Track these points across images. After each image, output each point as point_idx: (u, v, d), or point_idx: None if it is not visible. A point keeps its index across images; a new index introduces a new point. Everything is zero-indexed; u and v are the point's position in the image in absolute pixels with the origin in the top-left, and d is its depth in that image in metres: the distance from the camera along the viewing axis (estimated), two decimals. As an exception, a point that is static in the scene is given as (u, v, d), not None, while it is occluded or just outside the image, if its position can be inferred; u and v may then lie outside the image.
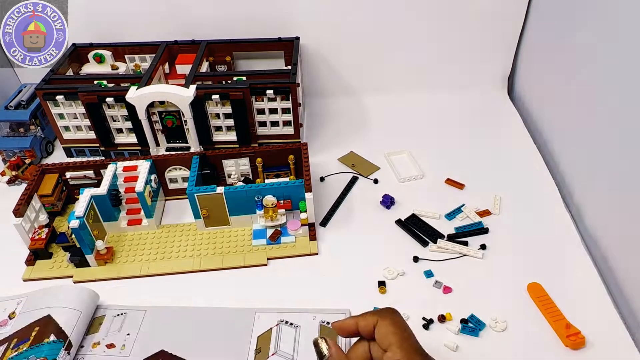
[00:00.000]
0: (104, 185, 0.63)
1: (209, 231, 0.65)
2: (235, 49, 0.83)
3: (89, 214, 0.61)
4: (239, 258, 0.62)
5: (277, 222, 0.64)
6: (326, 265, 0.61)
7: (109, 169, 0.65)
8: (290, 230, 0.63)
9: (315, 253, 0.62)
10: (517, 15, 0.83)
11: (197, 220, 0.65)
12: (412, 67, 0.90)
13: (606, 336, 0.52)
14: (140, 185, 0.63)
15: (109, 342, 0.54)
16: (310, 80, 0.90)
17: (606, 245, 0.61)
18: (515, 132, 0.82)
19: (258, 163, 0.68)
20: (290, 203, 0.64)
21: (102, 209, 0.64)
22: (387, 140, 0.81)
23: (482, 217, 0.66)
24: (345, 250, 0.63)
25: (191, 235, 0.65)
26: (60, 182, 0.68)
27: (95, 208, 0.63)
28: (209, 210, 0.63)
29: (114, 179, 0.65)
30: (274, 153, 0.68)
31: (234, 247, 0.63)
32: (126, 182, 0.66)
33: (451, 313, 0.55)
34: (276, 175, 0.70)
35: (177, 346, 0.53)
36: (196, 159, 0.66)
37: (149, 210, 0.65)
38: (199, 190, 0.62)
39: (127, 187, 0.65)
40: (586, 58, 0.67)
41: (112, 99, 0.69)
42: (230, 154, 0.68)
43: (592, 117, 0.65)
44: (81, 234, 0.59)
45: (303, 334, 0.53)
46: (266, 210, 0.63)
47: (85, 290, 0.56)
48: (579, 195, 0.68)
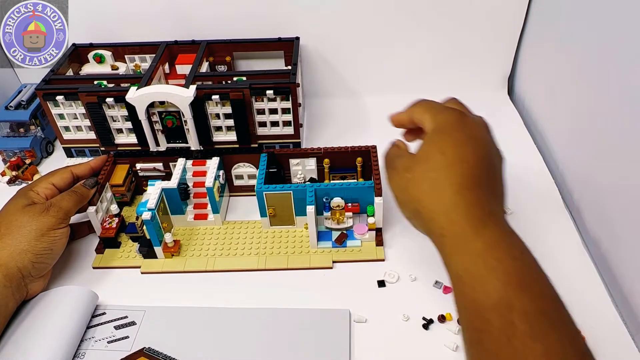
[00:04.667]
0: (174, 179, 0.64)
1: (274, 230, 0.66)
2: (235, 49, 0.83)
3: (160, 206, 0.62)
4: (304, 259, 0.62)
5: (343, 225, 0.63)
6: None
7: (179, 162, 0.67)
8: (357, 234, 0.63)
9: (382, 259, 0.61)
10: (517, 15, 0.83)
11: (263, 219, 0.65)
12: (412, 67, 0.90)
13: (606, 336, 0.52)
14: (210, 180, 0.64)
15: (109, 339, 0.54)
16: (310, 80, 0.90)
17: (606, 245, 0.61)
18: (515, 132, 0.82)
19: (325, 164, 0.67)
20: (358, 206, 0.63)
21: (170, 202, 0.65)
22: (387, 140, 0.81)
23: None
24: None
25: (256, 233, 0.65)
26: (130, 173, 0.69)
27: (165, 201, 0.64)
28: (276, 209, 0.64)
29: (184, 172, 0.66)
30: (341, 154, 0.67)
31: (299, 247, 0.63)
32: (195, 176, 0.67)
33: (451, 313, 0.55)
34: (342, 177, 0.69)
35: (176, 346, 0.53)
36: (264, 156, 0.67)
37: (216, 206, 0.66)
38: (268, 188, 0.62)
39: (196, 181, 0.67)
40: (586, 58, 0.67)
41: (112, 99, 0.69)
42: (297, 153, 0.68)
43: (593, 117, 0.65)
44: (152, 225, 0.59)
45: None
46: (333, 213, 0.62)
47: (86, 290, 0.56)
48: (579, 195, 0.68)
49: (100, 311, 0.57)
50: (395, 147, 0.51)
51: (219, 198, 0.67)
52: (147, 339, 0.54)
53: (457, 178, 0.42)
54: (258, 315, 0.56)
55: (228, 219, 0.69)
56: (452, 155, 0.43)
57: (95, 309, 0.57)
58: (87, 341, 0.54)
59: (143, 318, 0.56)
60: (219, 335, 0.54)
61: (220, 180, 0.68)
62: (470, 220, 0.40)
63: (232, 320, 0.55)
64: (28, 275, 0.54)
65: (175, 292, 0.60)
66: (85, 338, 0.54)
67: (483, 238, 0.40)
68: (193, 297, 0.59)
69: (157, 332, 0.55)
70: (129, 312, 0.57)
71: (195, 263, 0.62)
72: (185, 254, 0.63)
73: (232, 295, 0.59)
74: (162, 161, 0.70)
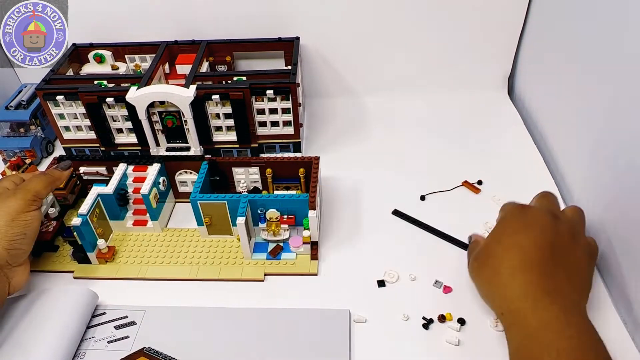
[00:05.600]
0: (112, 185, 0.63)
1: (211, 239, 0.65)
2: (235, 49, 0.83)
3: (94, 212, 0.61)
4: (236, 271, 0.61)
5: (279, 237, 0.62)
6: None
7: (119, 167, 0.66)
8: (292, 246, 0.62)
9: (314, 273, 0.60)
10: (517, 15, 0.83)
11: (200, 228, 0.64)
12: (412, 67, 0.90)
13: (606, 336, 0.51)
14: (146, 187, 0.63)
15: (109, 339, 0.54)
16: (310, 80, 0.90)
17: (606, 245, 0.61)
18: (515, 132, 0.82)
19: (268, 174, 0.67)
20: (294, 219, 0.62)
21: (109, 207, 0.64)
22: (387, 140, 0.82)
23: (482, 217, 0.66)
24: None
25: (193, 242, 0.65)
26: (74, 176, 0.68)
27: (102, 206, 0.63)
28: (212, 218, 0.63)
29: (124, 178, 0.65)
30: (284, 164, 0.66)
31: (234, 258, 0.62)
32: (135, 182, 0.66)
33: (451, 313, 0.55)
34: (286, 188, 0.68)
35: (176, 346, 0.53)
36: (205, 164, 0.66)
37: (154, 213, 0.65)
38: (203, 197, 0.61)
39: (135, 187, 0.66)
40: (586, 58, 0.67)
41: (112, 99, 0.69)
42: (240, 162, 0.67)
43: (592, 117, 0.65)
44: (83, 232, 0.59)
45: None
46: (269, 224, 0.62)
47: (85, 290, 0.56)
48: (579, 195, 0.68)
49: (100, 311, 0.57)
50: (474, 242, 0.57)
51: (157, 205, 0.65)
52: (147, 339, 0.54)
53: (511, 262, 0.48)
54: (258, 315, 0.56)
55: (170, 225, 0.68)
56: (507, 242, 0.50)
57: (95, 309, 0.57)
58: (87, 341, 0.54)
59: (143, 318, 0.56)
60: (219, 335, 0.54)
61: (161, 187, 0.66)
62: (524, 300, 0.45)
63: (232, 320, 0.55)
64: (5, 264, 0.52)
65: (175, 292, 0.60)
66: (85, 338, 0.54)
67: (540, 316, 0.43)
68: (193, 297, 0.59)
69: (157, 332, 0.55)
70: (129, 312, 0.56)
71: (129, 270, 0.61)
72: (119, 260, 0.63)
73: (232, 295, 0.59)
74: (105, 165, 0.68)
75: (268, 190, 0.68)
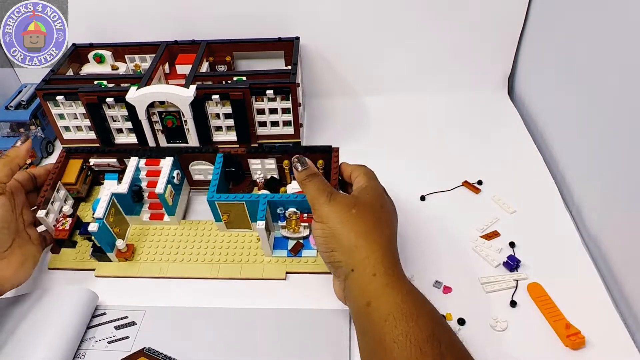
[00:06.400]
0: (125, 184, 0.63)
1: (230, 233, 0.65)
2: (235, 49, 0.83)
3: (110, 212, 0.61)
4: (257, 269, 0.60)
5: (299, 234, 0.62)
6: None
7: (130, 163, 0.65)
8: (313, 244, 0.62)
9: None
10: (517, 16, 0.83)
11: (218, 223, 0.64)
12: (412, 67, 0.89)
13: (606, 336, 0.52)
14: (161, 186, 0.62)
15: (110, 340, 0.54)
16: (310, 80, 0.90)
17: (606, 245, 0.61)
18: (515, 132, 0.82)
19: (285, 165, 0.66)
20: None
21: (123, 204, 0.64)
22: (387, 140, 0.82)
23: (482, 217, 0.66)
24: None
25: (212, 237, 0.64)
26: (84, 167, 0.68)
27: (117, 204, 0.63)
28: (230, 215, 0.63)
29: (137, 172, 0.65)
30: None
31: (254, 255, 0.62)
32: (148, 176, 0.65)
33: (451, 313, 0.55)
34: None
35: (176, 346, 0.53)
36: (220, 157, 0.65)
37: (170, 209, 0.65)
38: (220, 198, 0.61)
39: (150, 181, 0.65)
40: (586, 58, 0.67)
41: (112, 99, 0.69)
42: (256, 154, 0.67)
43: (593, 116, 0.65)
44: (101, 234, 0.58)
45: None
46: (289, 222, 0.61)
47: (86, 290, 0.56)
48: (579, 195, 0.68)
49: (100, 311, 0.57)
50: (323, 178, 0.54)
51: (172, 202, 0.64)
52: (147, 339, 0.54)
53: (391, 228, 0.51)
54: (258, 315, 0.56)
55: (188, 216, 0.68)
56: (387, 210, 0.53)
57: (96, 309, 0.57)
58: (88, 341, 0.54)
59: (143, 318, 0.56)
60: (219, 335, 0.54)
61: (175, 180, 0.65)
62: (398, 265, 0.47)
63: (232, 320, 0.55)
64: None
65: (175, 292, 0.60)
66: (85, 338, 0.54)
67: (406, 283, 0.46)
68: (193, 297, 0.59)
69: (157, 332, 0.55)
70: (129, 312, 0.57)
71: (149, 268, 0.61)
72: (139, 257, 0.62)
73: (232, 295, 0.59)
74: (116, 157, 0.68)
75: (286, 180, 0.68)
